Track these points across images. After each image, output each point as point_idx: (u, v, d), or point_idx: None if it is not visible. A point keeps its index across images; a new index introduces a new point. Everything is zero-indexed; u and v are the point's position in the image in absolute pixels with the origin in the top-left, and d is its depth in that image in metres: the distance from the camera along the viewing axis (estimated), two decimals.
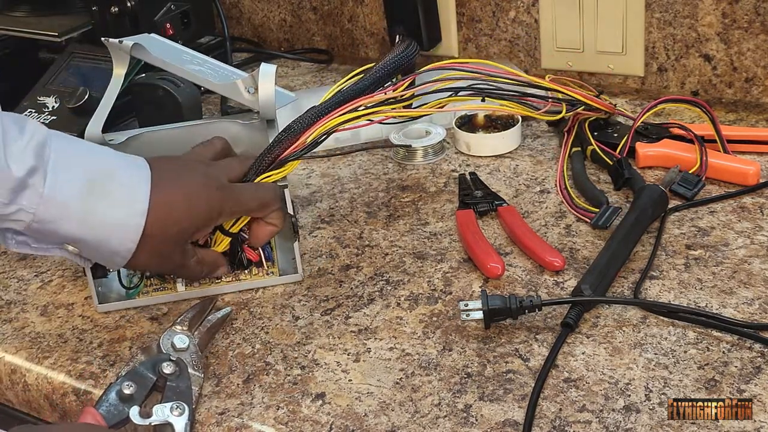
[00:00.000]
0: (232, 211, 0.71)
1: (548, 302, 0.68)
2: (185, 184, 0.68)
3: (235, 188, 0.71)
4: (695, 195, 0.81)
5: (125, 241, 0.65)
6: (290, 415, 0.62)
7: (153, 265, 0.71)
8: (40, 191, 0.62)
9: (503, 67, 0.83)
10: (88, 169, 0.65)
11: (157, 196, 0.66)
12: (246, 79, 0.80)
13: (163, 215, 0.66)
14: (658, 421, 0.57)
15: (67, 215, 0.63)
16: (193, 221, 0.68)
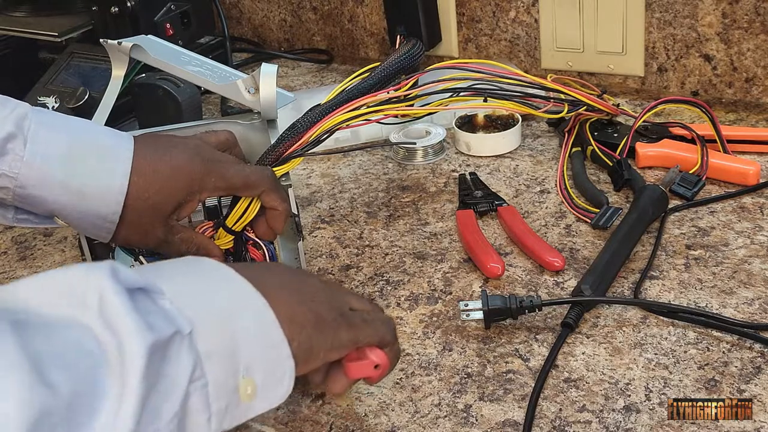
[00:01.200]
0: (216, 186, 0.69)
1: (548, 302, 0.68)
2: (170, 153, 0.68)
3: (221, 163, 0.69)
4: (695, 195, 0.81)
5: (110, 204, 0.65)
6: (290, 415, 0.62)
7: (136, 239, 0.70)
8: (20, 155, 0.62)
9: (506, 67, 0.83)
10: (70, 136, 0.65)
11: (140, 162, 0.65)
12: (246, 80, 0.80)
13: (144, 183, 0.65)
14: (659, 421, 0.57)
15: (49, 179, 0.63)
16: (174, 191, 0.67)
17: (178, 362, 0.45)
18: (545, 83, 0.84)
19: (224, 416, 0.47)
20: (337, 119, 0.74)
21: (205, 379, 0.46)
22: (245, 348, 0.48)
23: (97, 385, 0.42)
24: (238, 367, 0.48)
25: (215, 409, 0.47)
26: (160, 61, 0.83)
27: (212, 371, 0.47)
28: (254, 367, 0.49)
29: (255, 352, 0.49)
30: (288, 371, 0.51)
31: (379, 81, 0.78)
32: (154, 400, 0.44)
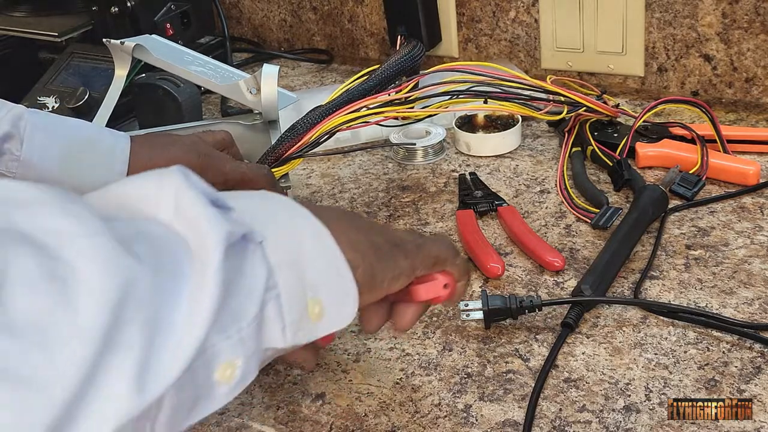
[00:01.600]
0: (213, 181, 0.67)
1: (548, 302, 0.68)
2: (167, 150, 0.68)
3: (218, 158, 0.70)
4: (695, 195, 0.81)
5: None
6: (290, 415, 0.62)
7: None
8: (17, 155, 0.63)
9: (507, 70, 0.83)
10: (67, 135, 0.65)
11: (137, 159, 0.66)
12: (248, 80, 0.80)
13: None
14: (659, 421, 0.57)
15: (46, 179, 0.63)
16: None
17: (254, 265, 0.46)
18: (545, 86, 0.84)
19: (296, 330, 0.48)
20: (337, 121, 0.74)
21: (278, 289, 0.47)
22: (310, 268, 0.49)
23: (179, 266, 0.42)
24: (305, 285, 0.49)
25: (288, 320, 0.47)
26: (162, 60, 0.83)
27: (284, 283, 0.47)
28: (320, 288, 0.49)
29: (320, 273, 0.50)
30: (352, 295, 0.51)
31: (379, 82, 0.78)
32: (235, 297, 0.44)
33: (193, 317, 0.42)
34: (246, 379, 0.45)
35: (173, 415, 0.42)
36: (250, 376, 0.46)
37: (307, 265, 0.49)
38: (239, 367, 0.45)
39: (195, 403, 0.43)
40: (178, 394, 0.41)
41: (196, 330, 0.42)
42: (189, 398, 0.43)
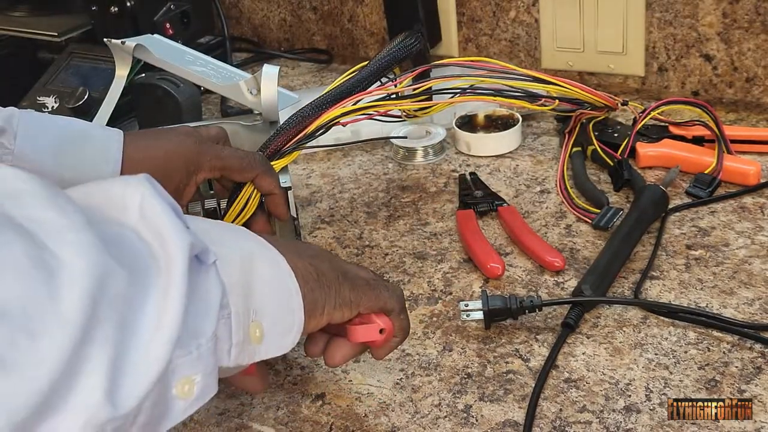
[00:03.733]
0: (212, 166, 0.68)
1: (548, 302, 0.68)
2: (162, 139, 0.68)
3: (214, 145, 0.70)
4: (711, 195, 0.81)
5: None
6: (290, 416, 0.61)
7: None
8: (10, 148, 0.63)
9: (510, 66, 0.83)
10: (59, 130, 0.66)
11: (131, 149, 0.66)
12: (248, 81, 0.80)
13: (137, 169, 0.65)
14: (659, 422, 0.57)
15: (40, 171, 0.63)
16: (170, 174, 0.67)
17: (209, 283, 0.46)
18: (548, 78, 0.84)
19: (240, 352, 0.49)
20: (333, 113, 0.74)
21: (229, 309, 0.47)
22: (258, 292, 0.50)
23: (146, 274, 0.43)
24: (250, 308, 0.49)
25: (235, 341, 0.48)
26: (163, 60, 0.83)
27: (234, 303, 0.48)
28: (264, 312, 0.50)
29: (266, 298, 0.50)
30: (297, 322, 0.52)
31: (372, 73, 0.78)
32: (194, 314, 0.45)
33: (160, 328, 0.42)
34: (204, 396, 0.46)
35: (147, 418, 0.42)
36: (209, 393, 0.46)
37: (255, 289, 0.50)
38: (197, 383, 0.45)
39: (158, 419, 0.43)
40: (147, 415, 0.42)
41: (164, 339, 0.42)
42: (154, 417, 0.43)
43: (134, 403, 0.40)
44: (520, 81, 0.82)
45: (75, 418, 0.38)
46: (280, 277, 0.52)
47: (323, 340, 0.59)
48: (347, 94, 0.76)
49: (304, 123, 0.74)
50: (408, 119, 0.88)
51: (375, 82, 0.78)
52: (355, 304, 0.56)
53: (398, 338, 0.59)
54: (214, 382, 0.46)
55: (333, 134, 0.78)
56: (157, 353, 0.42)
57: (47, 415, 0.37)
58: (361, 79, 0.77)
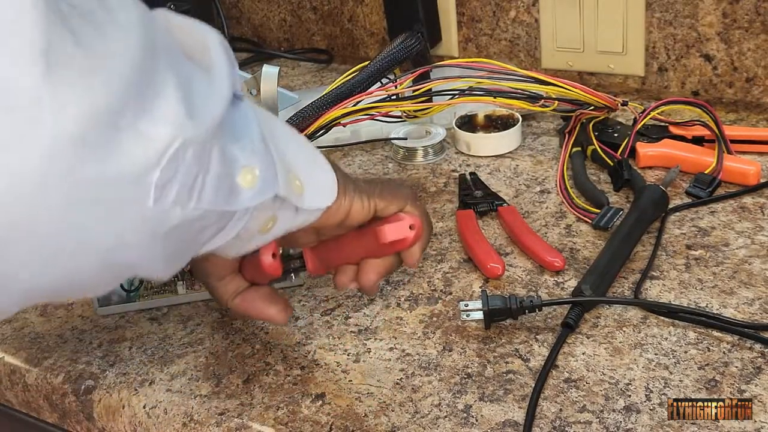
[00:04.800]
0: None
1: (548, 302, 0.68)
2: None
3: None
4: (711, 195, 0.81)
5: None
6: (290, 416, 0.61)
7: None
8: None
9: (510, 67, 0.83)
10: None
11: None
12: (248, 81, 0.80)
13: None
14: (659, 422, 0.57)
15: None
16: None
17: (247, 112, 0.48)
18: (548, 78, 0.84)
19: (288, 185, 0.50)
20: (334, 114, 0.74)
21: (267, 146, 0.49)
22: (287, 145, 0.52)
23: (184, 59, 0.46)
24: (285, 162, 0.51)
25: (279, 168, 0.49)
26: None
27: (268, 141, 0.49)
28: (297, 166, 0.52)
29: (296, 152, 0.52)
30: (330, 180, 0.54)
31: (372, 74, 0.78)
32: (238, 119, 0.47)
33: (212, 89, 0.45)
34: (265, 191, 0.48)
35: (219, 181, 0.44)
36: (270, 190, 0.48)
37: (282, 143, 0.51)
38: (258, 176, 0.47)
39: (228, 196, 0.45)
40: (219, 165, 0.44)
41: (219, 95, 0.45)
42: (224, 183, 0.45)
43: (210, 127, 0.42)
44: (520, 82, 0.83)
45: (165, 121, 0.40)
46: (301, 139, 0.54)
47: (351, 268, 0.61)
48: (347, 95, 0.76)
49: (304, 123, 0.74)
50: (408, 120, 0.88)
51: (375, 83, 0.78)
52: (371, 194, 0.58)
53: (426, 230, 0.60)
54: (273, 180, 0.48)
55: (332, 134, 0.78)
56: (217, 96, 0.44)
57: (141, 114, 0.39)
58: (362, 80, 0.77)
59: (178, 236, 0.44)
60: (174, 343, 0.70)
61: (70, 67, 0.36)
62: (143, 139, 0.39)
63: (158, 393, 0.65)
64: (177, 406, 0.64)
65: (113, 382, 0.67)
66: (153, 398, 0.65)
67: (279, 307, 0.62)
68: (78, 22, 0.37)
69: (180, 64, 0.43)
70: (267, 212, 0.51)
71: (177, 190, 0.41)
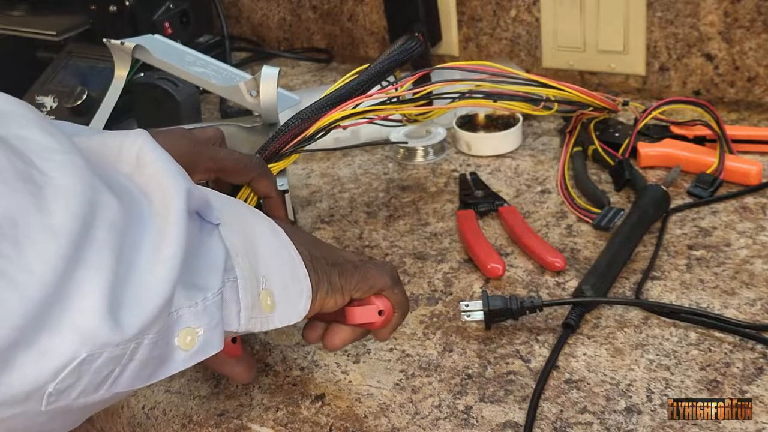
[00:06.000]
0: (207, 168, 0.67)
1: (549, 303, 0.68)
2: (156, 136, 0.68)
3: (210, 146, 0.69)
4: (712, 195, 0.81)
5: None
6: (290, 417, 0.61)
7: None
8: None
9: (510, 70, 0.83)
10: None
11: None
12: (248, 82, 0.80)
13: None
14: (660, 422, 0.57)
15: None
16: None
17: (212, 242, 0.46)
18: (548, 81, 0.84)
19: (250, 317, 0.49)
20: (334, 116, 0.74)
21: (234, 273, 0.47)
22: (263, 258, 0.50)
23: (141, 214, 0.42)
24: (258, 275, 0.49)
25: (244, 304, 0.48)
26: (162, 61, 0.82)
27: (240, 267, 0.48)
28: (272, 280, 0.50)
29: (272, 266, 0.51)
30: (305, 289, 0.53)
31: (373, 76, 0.77)
32: (197, 268, 0.45)
33: (159, 263, 0.41)
34: (206, 351, 0.45)
35: (144, 364, 0.42)
36: (211, 349, 0.46)
37: (260, 257, 0.50)
38: (200, 336, 0.45)
39: (153, 371, 0.43)
40: (148, 351, 0.41)
41: (163, 275, 0.41)
42: (152, 361, 0.42)
43: (133, 331, 0.40)
44: (520, 85, 0.82)
45: (71, 337, 0.37)
46: (283, 246, 0.52)
47: (321, 326, 0.60)
48: (347, 97, 0.75)
49: (304, 125, 0.73)
50: (409, 123, 0.88)
51: (375, 85, 0.78)
52: (346, 290, 0.56)
53: (398, 314, 0.59)
54: (218, 338, 0.46)
55: (332, 135, 0.78)
56: (157, 288, 0.41)
57: (42, 330, 0.36)
58: (362, 82, 0.77)
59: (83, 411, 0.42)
60: None
61: None
62: (39, 356, 0.37)
63: (157, 394, 0.65)
64: (176, 407, 0.63)
65: None
66: (152, 399, 0.64)
67: (243, 367, 0.60)
68: None
69: (122, 244, 0.40)
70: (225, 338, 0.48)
71: (80, 390, 0.39)
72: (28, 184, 0.37)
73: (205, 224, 0.46)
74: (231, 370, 0.59)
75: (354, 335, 0.60)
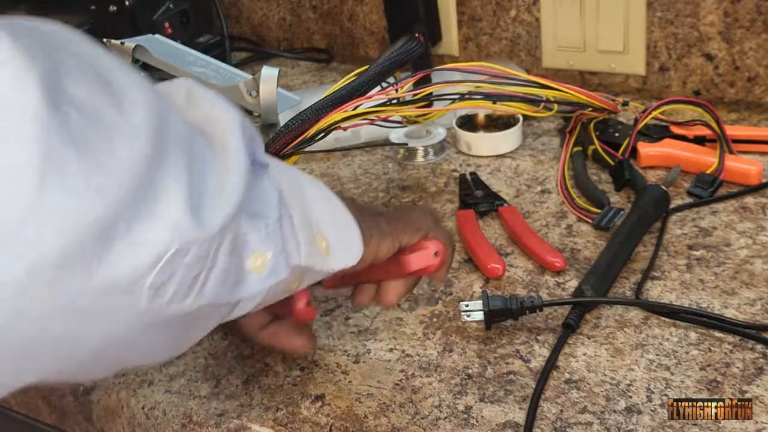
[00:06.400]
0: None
1: (549, 303, 0.68)
2: None
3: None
4: (712, 195, 0.81)
5: None
6: (290, 417, 0.61)
7: None
8: None
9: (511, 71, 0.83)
10: None
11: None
12: (248, 82, 0.80)
13: None
14: (660, 423, 0.57)
15: None
16: None
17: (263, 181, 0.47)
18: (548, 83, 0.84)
19: (309, 253, 0.49)
20: (333, 118, 0.74)
21: (288, 210, 0.48)
22: (312, 205, 0.51)
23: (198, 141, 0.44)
24: (310, 220, 0.50)
25: (302, 239, 0.49)
26: (162, 61, 0.82)
27: (293, 207, 0.49)
28: (323, 225, 0.52)
29: (321, 213, 0.52)
30: (356, 237, 0.54)
31: (373, 77, 0.77)
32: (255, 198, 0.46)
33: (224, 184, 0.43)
34: (276, 274, 0.47)
35: (225, 273, 0.43)
36: (280, 274, 0.47)
37: (308, 204, 0.51)
38: (269, 261, 0.46)
39: (233, 286, 0.45)
40: (228, 257, 0.43)
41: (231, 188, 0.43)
42: (231, 274, 0.44)
43: (215, 228, 0.41)
44: (520, 86, 0.82)
45: (163, 226, 0.39)
46: (329, 197, 0.54)
47: (371, 287, 0.61)
48: (348, 98, 0.75)
49: (304, 126, 0.73)
50: (409, 125, 0.88)
51: (376, 86, 0.78)
52: (395, 235, 0.58)
53: (448, 252, 0.61)
54: (284, 265, 0.47)
55: (332, 135, 0.78)
56: (231, 193, 0.43)
57: (136, 220, 0.38)
58: (362, 83, 0.77)
59: (176, 328, 0.43)
60: None
61: (64, 180, 0.35)
62: (136, 246, 0.38)
63: (157, 394, 0.65)
64: (176, 407, 0.63)
65: (112, 383, 0.66)
66: (152, 399, 0.64)
67: (304, 339, 0.62)
68: (81, 128, 0.36)
69: (193, 159, 0.42)
70: (289, 282, 0.50)
71: (174, 290, 0.40)
72: (108, 88, 0.39)
73: (255, 166, 0.47)
74: (293, 343, 0.61)
75: (407, 286, 0.62)
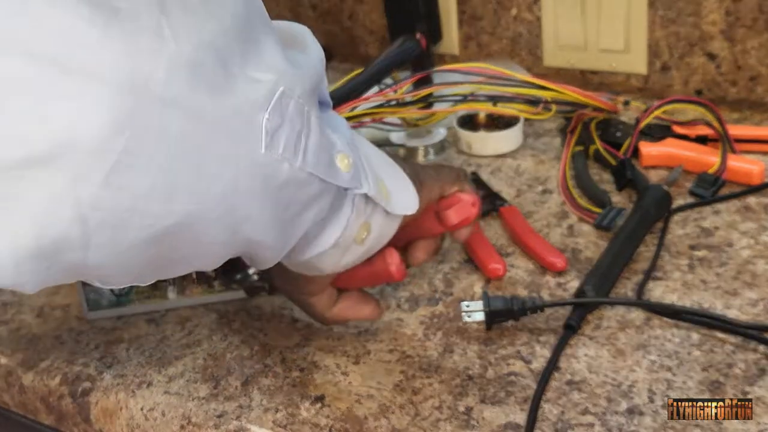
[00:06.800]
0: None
1: (550, 303, 0.67)
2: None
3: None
4: (714, 194, 0.81)
5: None
6: (289, 418, 0.61)
7: None
8: None
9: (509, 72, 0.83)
10: None
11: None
12: None
13: None
14: (662, 424, 0.56)
15: None
16: None
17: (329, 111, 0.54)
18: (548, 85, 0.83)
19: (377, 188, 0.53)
20: None
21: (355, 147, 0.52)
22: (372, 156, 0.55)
23: None
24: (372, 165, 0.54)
25: (369, 174, 0.52)
26: None
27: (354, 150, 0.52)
28: (380, 172, 0.55)
29: (376, 162, 0.55)
30: (410, 184, 0.57)
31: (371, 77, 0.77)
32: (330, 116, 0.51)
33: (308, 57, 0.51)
34: (358, 179, 0.51)
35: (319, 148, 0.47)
36: (362, 180, 0.51)
37: (368, 154, 0.54)
38: (352, 163, 0.50)
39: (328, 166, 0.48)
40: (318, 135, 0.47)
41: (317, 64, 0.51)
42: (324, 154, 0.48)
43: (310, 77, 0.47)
44: (520, 87, 0.82)
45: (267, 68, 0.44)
46: (377, 150, 0.57)
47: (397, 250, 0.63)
48: (345, 98, 0.75)
49: None
50: (408, 128, 0.88)
51: (374, 86, 0.78)
52: (438, 181, 0.62)
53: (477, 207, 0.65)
54: (363, 175, 0.51)
55: None
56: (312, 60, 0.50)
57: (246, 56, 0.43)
58: (360, 83, 0.77)
59: (288, 198, 0.46)
60: (172, 344, 0.70)
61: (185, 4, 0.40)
62: (251, 80, 0.42)
63: (156, 395, 0.64)
64: (175, 408, 0.63)
65: (110, 384, 0.66)
66: (151, 400, 0.64)
67: (372, 306, 0.66)
68: None
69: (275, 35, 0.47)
70: (361, 218, 0.54)
71: (284, 141, 0.43)
72: None
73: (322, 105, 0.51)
74: (363, 311, 0.65)
75: (435, 245, 0.65)
